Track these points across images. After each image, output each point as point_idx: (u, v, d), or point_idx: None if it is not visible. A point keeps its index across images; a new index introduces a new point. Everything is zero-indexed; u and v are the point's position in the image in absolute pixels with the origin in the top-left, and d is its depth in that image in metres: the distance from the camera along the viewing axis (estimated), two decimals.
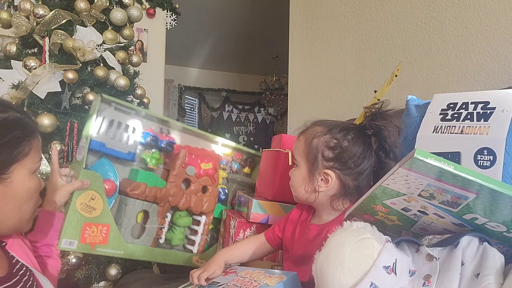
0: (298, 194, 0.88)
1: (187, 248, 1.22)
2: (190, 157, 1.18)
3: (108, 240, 1.01)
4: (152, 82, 2.85)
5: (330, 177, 0.83)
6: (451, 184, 0.53)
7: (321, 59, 2.09)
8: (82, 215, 0.97)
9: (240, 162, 1.35)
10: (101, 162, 1.06)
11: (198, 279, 0.86)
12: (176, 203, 1.15)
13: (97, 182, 0.99)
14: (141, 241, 1.11)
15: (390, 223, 0.66)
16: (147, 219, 1.12)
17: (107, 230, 1.01)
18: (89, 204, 0.98)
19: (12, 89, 1.41)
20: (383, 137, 0.82)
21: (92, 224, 0.99)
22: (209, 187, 1.23)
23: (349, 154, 0.82)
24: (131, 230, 1.09)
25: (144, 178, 1.10)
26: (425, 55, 1.49)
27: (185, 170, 1.16)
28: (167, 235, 1.17)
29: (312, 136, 0.85)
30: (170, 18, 2.85)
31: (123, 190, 1.07)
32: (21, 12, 1.50)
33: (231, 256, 0.95)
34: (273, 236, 0.98)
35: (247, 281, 0.77)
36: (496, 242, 0.58)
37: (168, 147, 1.16)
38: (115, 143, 1.05)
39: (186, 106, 6.18)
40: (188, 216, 1.22)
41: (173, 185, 1.14)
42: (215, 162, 1.24)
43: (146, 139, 1.12)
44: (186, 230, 1.23)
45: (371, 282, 0.53)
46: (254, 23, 4.68)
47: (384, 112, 0.83)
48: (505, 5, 1.22)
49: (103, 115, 1.03)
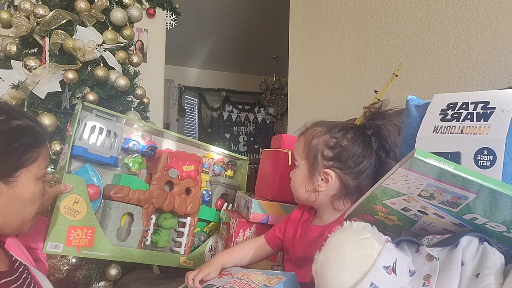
0: (299, 194, 0.88)
1: (174, 250, 1.24)
2: (172, 160, 1.20)
3: (94, 242, 1.03)
4: (152, 82, 2.85)
5: (330, 177, 0.82)
6: (451, 184, 0.53)
7: (321, 59, 2.09)
8: (66, 218, 0.99)
9: (222, 165, 1.37)
10: (85, 168, 1.09)
11: (192, 280, 0.86)
12: (160, 205, 1.17)
13: (80, 186, 1.01)
14: (127, 243, 1.12)
15: (390, 223, 0.66)
16: (132, 222, 1.13)
17: (92, 233, 1.03)
18: (73, 207, 1.00)
19: (12, 89, 1.41)
20: (383, 137, 0.82)
21: (77, 227, 1.00)
22: (192, 189, 1.25)
23: (349, 153, 0.82)
24: (117, 233, 1.11)
25: (127, 182, 1.12)
26: (425, 55, 1.49)
27: (168, 173, 1.18)
28: (153, 237, 1.19)
29: (312, 136, 0.85)
30: (170, 18, 2.85)
31: (107, 194, 1.10)
32: (21, 12, 1.50)
33: (229, 259, 0.94)
34: (273, 238, 0.97)
35: (244, 283, 0.76)
36: (496, 242, 0.58)
37: (150, 152, 1.19)
38: (97, 148, 1.08)
39: (186, 106, 6.18)
40: (173, 218, 1.23)
41: (156, 187, 1.16)
42: (197, 164, 1.26)
43: (128, 144, 1.15)
44: (172, 233, 1.25)
45: (371, 282, 0.53)
46: (254, 23, 4.68)
47: (383, 112, 0.83)
48: (505, 5, 1.22)
49: (85, 122, 1.06)
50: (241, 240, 1.13)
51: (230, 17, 4.60)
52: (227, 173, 1.38)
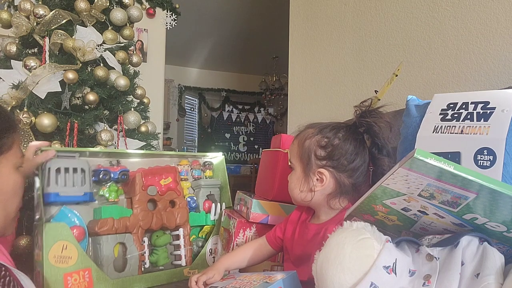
0: (294, 195, 0.89)
1: (176, 264, 1.21)
2: (147, 178, 1.18)
3: (93, 282, 1.00)
4: (152, 82, 2.86)
5: (324, 176, 0.83)
6: (451, 184, 0.53)
7: (321, 59, 2.09)
8: (59, 267, 0.95)
9: (200, 168, 1.35)
10: (62, 212, 1.05)
11: (196, 282, 0.87)
12: (148, 225, 1.14)
13: (64, 231, 0.98)
14: (127, 272, 1.09)
15: (390, 223, 0.66)
16: (125, 250, 1.11)
17: (90, 274, 1.00)
18: (62, 254, 0.96)
19: (12, 89, 1.41)
20: (375, 133, 0.82)
21: (72, 272, 0.97)
22: (176, 200, 1.23)
23: (341, 152, 0.82)
24: (114, 265, 1.08)
25: (109, 213, 1.10)
26: (425, 55, 1.49)
27: (147, 192, 1.16)
28: (151, 258, 1.17)
29: (304, 138, 0.87)
30: (170, 18, 2.86)
31: (93, 231, 1.07)
32: (21, 12, 1.50)
33: (231, 262, 0.95)
34: (274, 238, 0.98)
35: (246, 282, 0.77)
36: (496, 242, 0.58)
37: (123, 176, 1.16)
38: (69, 189, 1.05)
39: (186, 106, 6.18)
40: (166, 234, 1.21)
41: (140, 210, 1.14)
42: (174, 174, 1.24)
43: (99, 175, 1.12)
44: (169, 248, 1.23)
45: (371, 282, 0.53)
46: (254, 23, 4.69)
47: (374, 109, 0.83)
48: (505, 5, 1.22)
49: (48, 166, 1.03)
50: (241, 240, 1.13)
51: (230, 17, 4.61)
52: (206, 173, 1.36)
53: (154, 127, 1.79)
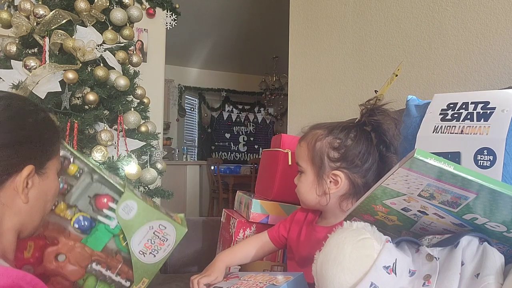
0: (308, 200, 0.87)
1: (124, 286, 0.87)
2: None
3: None
4: (152, 82, 2.86)
5: (339, 178, 0.82)
6: (451, 184, 0.53)
7: (321, 59, 2.09)
8: None
9: None
10: None
11: (197, 283, 0.84)
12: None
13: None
14: None
15: (390, 223, 0.66)
16: None
17: None
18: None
19: (12, 89, 1.41)
20: (383, 131, 0.82)
21: None
22: (56, 247, 0.84)
23: (355, 152, 0.82)
24: None
25: None
26: (425, 55, 1.49)
27: None
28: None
29: (314, 139, 0.85)
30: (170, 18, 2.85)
31: None
32: (21, 12, 1.50)
33: (232, 259, 0.93)
34: (277, 236, 0.97)
35: (251, 283, 0.75)
36: (496, 242, 0.58)
37: None
38: None
39: (186, 106, 6.18)
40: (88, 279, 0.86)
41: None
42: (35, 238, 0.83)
43: None
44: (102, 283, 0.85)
45: (371, 282, 0.53)
46: (254, 23, 4.69)
47: (380, 107, 0.83)
48: (505, 5, 1.22)
49: None
50: (241, 240, 1.13)
51: (230, 17, 4.61)
52: (70, 171, 0.85)
53: (154, 127, 1.79)
